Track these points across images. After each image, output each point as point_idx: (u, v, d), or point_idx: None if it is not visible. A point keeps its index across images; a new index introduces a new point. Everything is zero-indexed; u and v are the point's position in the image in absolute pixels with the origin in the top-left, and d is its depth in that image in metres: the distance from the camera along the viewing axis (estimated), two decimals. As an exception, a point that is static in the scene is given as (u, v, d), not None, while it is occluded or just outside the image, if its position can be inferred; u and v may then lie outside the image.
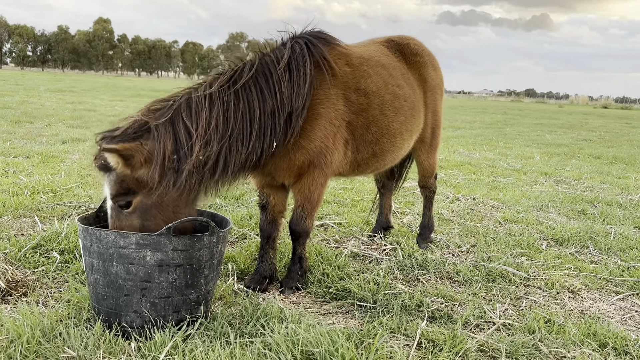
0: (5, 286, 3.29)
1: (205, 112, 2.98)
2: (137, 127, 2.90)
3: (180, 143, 2.90)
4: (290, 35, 3.54)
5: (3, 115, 13.19)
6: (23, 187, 5.86)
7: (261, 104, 3.16)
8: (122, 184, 2.86)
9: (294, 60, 3.34)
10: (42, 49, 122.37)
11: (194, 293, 2.95)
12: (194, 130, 2.92)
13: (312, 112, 3.39)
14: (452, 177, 8.55)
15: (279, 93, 3.21)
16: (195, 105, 3.00)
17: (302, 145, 3.39)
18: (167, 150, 2.86)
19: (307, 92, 3.29)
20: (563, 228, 5.50)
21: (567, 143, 14.81)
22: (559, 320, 3.39)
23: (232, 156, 3.06)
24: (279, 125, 3.20)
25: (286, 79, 3.26)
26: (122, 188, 2.87)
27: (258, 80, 3.21)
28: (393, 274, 4.07)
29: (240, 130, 3.08)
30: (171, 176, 2.88)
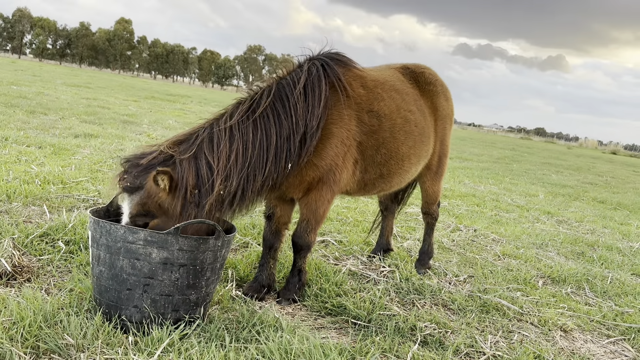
0: (11, 269, 3.37)
1: (226, 146, 3.11)
2: (162, 159, 3.05)
3: (202, 179, 3.04)
4: (308, 57, 3.66)
5: (19, 105, 13.38)
6: (34, 176, 5.97)
7: (278, 129, 3.28)
8: (143, 206, 3.00)
9: (309, 82, 3.46)
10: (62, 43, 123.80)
11: (194, 294, 3.02)
12: (215, 166, 3.06)
13: (325, 131, 3.50)
14: (455, 207, 8.61)
15: (295, 115, 3.33)
16: (217, 139, 3.13)
17: (313, 162, 3.50)
18: (190, 185, 3.00)
19: (321, 113, 3.41)
20: (561, 268, 5.54)
21: (572, 185, 14.86)
22: (549, 356, 3.43)
23: (249, 185, 3.19)
24: (294, 147, 3.32)
25: (302, 100, 3.37)
26: (143, 210, 3.00)
27: (275, 105, 3.34)
28: (389, 296, 4.13)
29: (258, 159, 3.21)
30: (192, 210, 3.02)
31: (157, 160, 3.05)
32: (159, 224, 3.03)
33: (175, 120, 16.01)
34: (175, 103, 26.09)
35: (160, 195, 2.98)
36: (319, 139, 3.46)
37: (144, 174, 3.01)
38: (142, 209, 3.01)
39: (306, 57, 3.66)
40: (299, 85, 3.40)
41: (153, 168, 3.00)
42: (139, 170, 3.02)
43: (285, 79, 3.49)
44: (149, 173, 2.99)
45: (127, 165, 3.06)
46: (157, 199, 2.99)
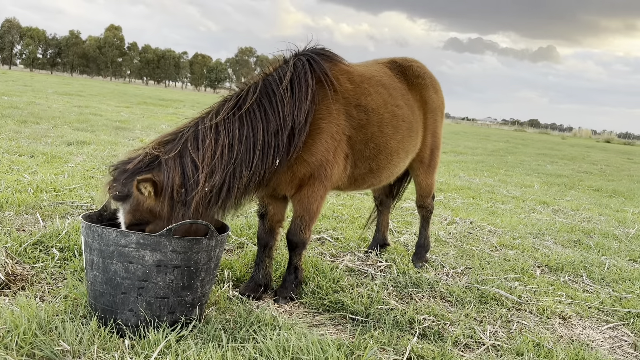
0: (5, 279, 3.35)
1: (211, 142, 3.09)
2: (148, 161, 3.03)
3: (187, 177, 3.02)
4: (294, 53, 3.64)
5: (10, 115, 13.31)
6: (26, 185, 5.93)
7: (265, 124, 3.26)
8: (135, 214, 2.99)
9: (295, 77, 3.43)
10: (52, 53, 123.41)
11: (189, 295, 3.00)
12: (199, 163, 3.03)
13: (315, 126, 3.48)
14: (451, 200, 8.61)
15: (282, 111, 3.30)
16: (202, 136, 3.10)
17: (304, 158, 3.47)
18: (176, 185, 2.98)
19: (308, 108, 3.38)
20: (558, 256, 5.55)
21: (567, 174, 14.89)
22: (548, 344, 3.43)
23: (235, 181, 3.16)
24: (282, 142, 3.29)
25: (288, 95, 3.35)
26: (135, 218, 3.00)
27: (262, 101, 3.31)
28: (387, 290, 4.12)
29: (245, 155, 3.18)
30: (179, 209, 3.00)
31: (143, 164, 3.01)
32: (154, 229, 3.01)
33: (167, 125, 15.96)
34: (168, 108, 26.02)
35: (148, 202, 2.96)
36: (308, 134, 3.44)
37: (131, 180, 2.97)
38: (134, 218, 3.00)
39: (292, 52, 3.64)
40: (285, 81, 3.38)
41: (139, 172, 2.98)
42: (126, 177, 2.99)
43: (272, 75, 3.46)
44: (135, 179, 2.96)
45: (115, 173, 3.04)
46: (146, 206, 2.97)
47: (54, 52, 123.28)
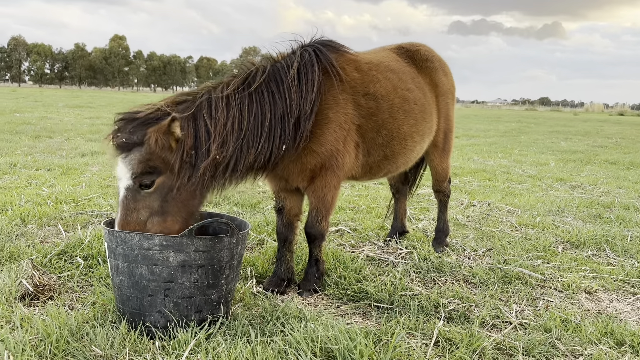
0: (33, 290, 3.41)
1: (224, 112, 3.08)
2: (160, 115, 2.97)
3: (199, 140, 3.00)
4: (300, 44, 3.65)
5: (24, 131, 13.49)
6: (46, 198, 6.01)
7: (272, 107, 3.26)
8: (149, 162, 2.91)
9: (302, 67, 3.44)
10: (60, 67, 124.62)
11: (215, 293, 3.03)
12: (212, 130, 3.02)
13: (322, 116, 3.48)
14: (467, 183, 8.57)
15: (289, 98, 3.31)
16: (215, 105, 3.09)
17: (313, 149, 3.48)
18: (187, 145, 2.96)
19: (314, 97, 3.38)
20: (579, 232, 5.50)
21: (582, 150, 14.73)
22: (576, 319, 3.41)
23: (242, 157, 3.15)
24: (288, 129, 3.29)
25: (295, 84, 3.35)
26: (148, 166, 2.91)
27: (270, 85, 3.32)
28: (409, 276, 4.12)
29: (252, 132, 3.18)
30: (187, 170, 2.97)
31: (154, 116, 2.94)
32: (165, 181, 2.96)
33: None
34: (177, 113, 26.12)
35: (171, 145, 2.90)
36: (316, 124, 3.44)
37: (141, 129, 2.90)
38: (148, 166, 2.91)
39: (299, 44, 3.65)
40: (292, 70, 3.38)
41: (151, 123, 2.91)
42: (135, 125, 2.92)
43: (280, 63, 3.47)
44: (146, 128, 2.89)
45: (122, 122, 2.96)
46: (163, 153, 2.91)
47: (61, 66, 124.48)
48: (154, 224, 2.98)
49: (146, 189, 2.95)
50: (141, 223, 2.97)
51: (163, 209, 2.99)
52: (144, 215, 2.97)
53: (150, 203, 2.97)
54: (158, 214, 2.98)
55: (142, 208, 2.97)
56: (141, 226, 2.96)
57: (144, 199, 2.96)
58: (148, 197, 2.96)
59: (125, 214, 2.96)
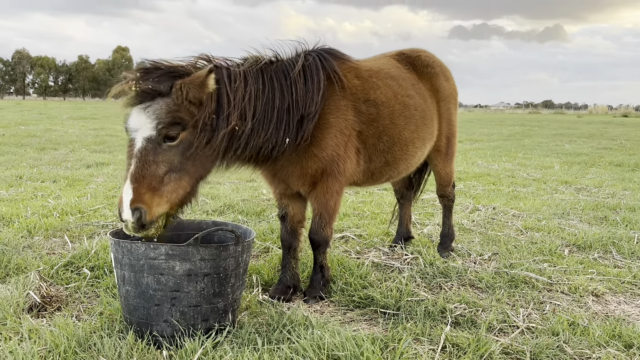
0: (41, 301, 3.42)
1: (242, 85, 3.06)
2: (185, 70, 2.92)
3: (221, 107, 2.96)
4: (303, 49, 3.68)
5: (29, 143, 13.58)
6: (52, 210, 6.05)
7: (280, 96, 3.28)
8: (177, 113, 2.81)
9: (307, 68, 3.47)
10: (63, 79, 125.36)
11: (221, 302, 3.04)
12: (232, 99, 2.99)
13: (323, 121, 3.51)
14: (471, 188, 8.56)
15: (295, 94, 3.33)
16: (234, 76, 3.06)
17: (314, 153, 3.50)
18: (210, 108, 2.92)
19: (319, 100, 3.42)
20: (585, 234, 5.48)
21: (587, 152, 14.69)
22: (583, 322, 3.40)
23: (253, 137, 3.15)
24: (292, 123, 3.31)
25: (301, 82, 3.38)
26: (176, 117, 2.81)
27: (278, 76, 3.34)
28: (415, 282, 4.12)
29: (264, 114, 3.18)
30: (207, 132, 2.92)
31: (180, 69, 2.89)
32: (188, 137, 2.86)
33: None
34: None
35: (201, 100, 2.85)
36: (317, 128, 3.47)
37: (168, 78, 2.83)
38: (174, 117, 2.80)
39: (302, 48, 3.67)
40: (297, 66, 3.40)
41: (176, 75, 2.85)
42: (161, 75, 2.84)
43: (286, 61, 3.48)
44: (173, 78, 2.82)
45: (145, 71, 2.86)
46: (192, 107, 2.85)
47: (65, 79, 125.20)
48: (171, 180, 2.85)
49: (170, 142, 2.83)
50: (158, 177, 2.81)
51: (181, 166, 2.87)
52: (163, 169, 2.82)
53: (171, 157, 2.84)
54: (176, 171, 2.86)
55: (161, 161, 2.82)
56: (157, 181, 2.80)
57: (164, 153, 2.83)
58: (169, 151, 2.84)
59: (142, 166, 2.78)
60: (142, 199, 2.77)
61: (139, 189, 2.77)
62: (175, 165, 2.86)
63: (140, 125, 2.81)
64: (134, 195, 2.76)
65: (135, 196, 2.76)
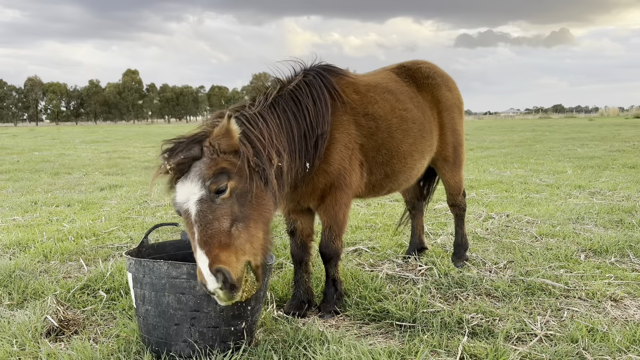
0: (58, 325, 3.45)
1: (264, 125, 3.08)
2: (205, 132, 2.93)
3: (256, 148, 2.95)
4: (302, 68, 3.74)
5: (43, 169, 13.76)
6: (67, 233, 6.11)
7: (295, 124, 3.34)
8: (217, 165, 2.77)
9: (313, 88, 3.55)
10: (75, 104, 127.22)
11: (240, 324, 3.04)
12: (262, 139, 3.01)
13: (329, 137, 3.57)
14: (483, 196, 8.52)
15: (308, 116, 3.40)
16: (253, 119, 3.07)
17: (323, 169, 3.56)
18: (248, 153, 2.89)
19: (330, 119, 3.48)
20: (601, 238, 5.43)
21: (599, 155, 14.56)
22: (603, 328, 3.35)
23: (287, 170, 3.21)
24: (310, 147, 3.38)
25: (311, 104, 3.45)
26: (218, 169, 2.76)
27: (288, 105, 3.40)
28: (430, 293, 4.09)
29: (290, 146, 3.27)
30: (257, 174, 2.91)
31: (201, 133, 2.89)
32: (237, 184, 2.79)
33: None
34: (192, 142, 26.44)
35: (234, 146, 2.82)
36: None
37: (194, 144, 2.82)
38: (218, 169, 2.76)
39: (301, 67, 3.74)
40: (305, 91, 3.48)
41: (200, 140, 2.84)
42: (187, 144, 2.84)
43: (291, 85, 3.54)
44: (199, 143, 2.82)
45: (170, 147, 2.88)
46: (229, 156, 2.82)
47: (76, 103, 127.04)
48: (240, 230, 2.76)
49: (222, 194, 2.75)
50: (225, 232, 2.70)
51: (244, 214, 2.80)
52: (226, 223, 2.72)
53: (230, 208, 2.77)
54: (241, 219, 2.78)
55: (222, 216, 2.73)
56: (226, 236, 2.70)
57: (221, 207, 2.74)
58: (225, 204, 2.76)
59: (205, 229, 2.68)
60: (219, 259, 2.65)
61: (212, 251, 2.65)
62: (237, 215, 2.78)
63: (188, 193, 2.76)
64: (209, 259, 2.64)
65: (211, 259, 2.64)
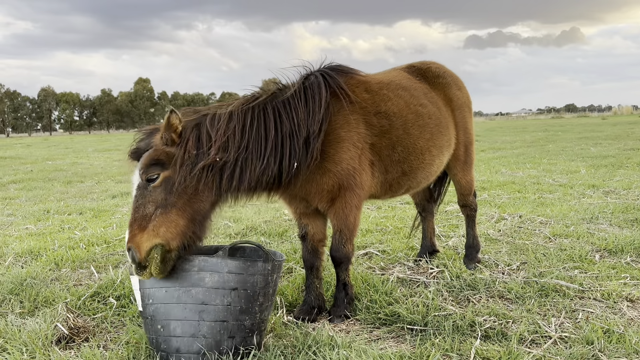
0: (68, 332, 3.45)
1: (224, 123, 3.23)
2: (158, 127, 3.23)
3: (200, 142, 3.16)
4: (308, 70, 3.72)
5: (56, 177, 13.88)
6: (78, 241, 6.14)
7: (278, 124, 3.34)
8: (154, 155, 3.09)
9: (309, 87, 3.53)
10: (88, 113, 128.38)
11: (248, 319, 3.03)
12: (213, 135, 3.17)
13: (334, 136, 3.54)
14: (496, 197, 8.43)
15: (296, 118, 3.39)
16: (218, 117, 3.26)
17: (328, 168, 3.51)
18: (189, 144, 3.11)
19: (322, 117, 3.44)
20: (616, 238, 5.33)
21: (613, 154, 14.38)
22: (619, 329, 3.28)
23: (247, 167, 3.23)
24: (298, 147, 3.35)
25: (302, 105, 3.44)
26: (153, 159, 3.08)
27: (275, 104, 3.41)
28: (442, 296, 4.04)
29: (256, 144, 3.27)
30: (188, 166, 3.09)
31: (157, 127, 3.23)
32: (170, 175, 3.07)
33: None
34: (203, 148, 26.61)
35: (173, 139, 3.09)
36: (329, 143, 3.49)
37: (149, 136, 3.19)
38: (152, 159, 3.08)
39: (307, 70, 3.72)
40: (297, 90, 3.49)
41: (154, 131, 3.21)
42: (145, 136, 3.23)
43: (287, 87, 3.57)
44: (155, 135, 3.16)
45: (139, 137, 3.27)
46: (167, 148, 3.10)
47: (89, 113, 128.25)
48: (158, 215, 3.02)
49: (152, 183, 3.05)
50: (146, 216, 3.02)
51: (167, 201, 3.05)
52: (150, 208, 3.03)
53: (156, 196, 3.05)
54: (162, 207, 3.04)
55: (148, 202, 3.04)
56: (146, 220, 3.01)
57: (150, 194, 3.05)
58: (154, 191, 3.05)
59: (134, 212, 3.05)
60: (133, 240, 2.98)
61: (132, 232, 3.01)
62: (160, 202, 3.05)
63: (134, 179, 3.14)
64: (128, 237, 3.01)
65: (129, 238, 3.01)
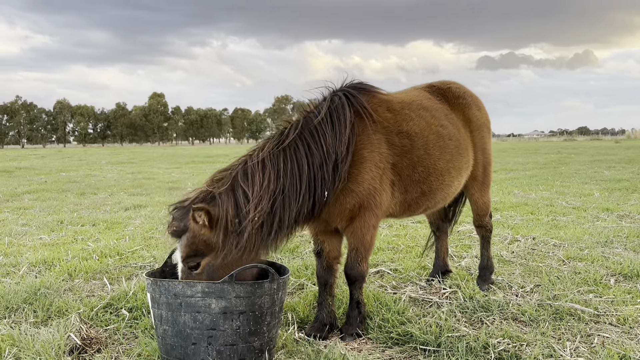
0: (81, 343, 3.46)
1: (259, 174, 3.23)
2: (202, 197, 3.20)
3: (239, 207, 3.15)
4: (331, 90, 3.75)
5: (69, 189, 14.01)
6: (91, 252, 6.17)
7: (309, 158, 3.36)
8: (192, 246, 3.11)
9: (334, 110, 3.55)
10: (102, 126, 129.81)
11: (257, 340, 3.02)
12: (250, 194, 3.16)
13: (358, 156, 3.55)
14: (509, 218, 8.38)
15: (325, 144, 3.41)
16: (251, 170, 3.26)
17: (351, 189, 3.52)
18: (229, 215, 3.11)
19: (348, 138, 3.47)
20: (631, 262, 5.27)
21: (627, 178, 14.25)
22: (635, 355, 3.23)
23: (285, 212, 3.25)
24: (328, 174, 3.38)
25: (329, 129, 3.46)
26: (191, 250, 3.12)
27: (305, 136, 3.43)
28: (455, 317, 4.00)
29: (292, 187, 3.29)
30: (234, 239, 3.10)
31: (198, 200, 3.19)
32: (210, 261, 3.12)
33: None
34: (215, 163, 26.75)
35: (203, 232, 3.09)
36: (353, 164, 3.51)
37: (187, 214, 3.15)
38: (191, 250, 3.11)
39: (329, 90, 3.74)
40: (322, 114, 3.50)
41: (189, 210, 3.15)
42: (183, 213, 3.19)
43: (313, 112, 3.58)
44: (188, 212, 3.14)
45: (174, 212, 3.25)
46: (201, 237, 3.10)
47: (103, 126, 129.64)
48: None
49: (194, 270, 3.14)
50: None
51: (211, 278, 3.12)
52: None
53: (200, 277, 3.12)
54: None
55: None
56: None
57: (194, 277, 3.13)
58: (198, 276, 3.13)
59: None
60: None
61: None
62: None
63: (177, 259, 3.23)
64: None
65: None
